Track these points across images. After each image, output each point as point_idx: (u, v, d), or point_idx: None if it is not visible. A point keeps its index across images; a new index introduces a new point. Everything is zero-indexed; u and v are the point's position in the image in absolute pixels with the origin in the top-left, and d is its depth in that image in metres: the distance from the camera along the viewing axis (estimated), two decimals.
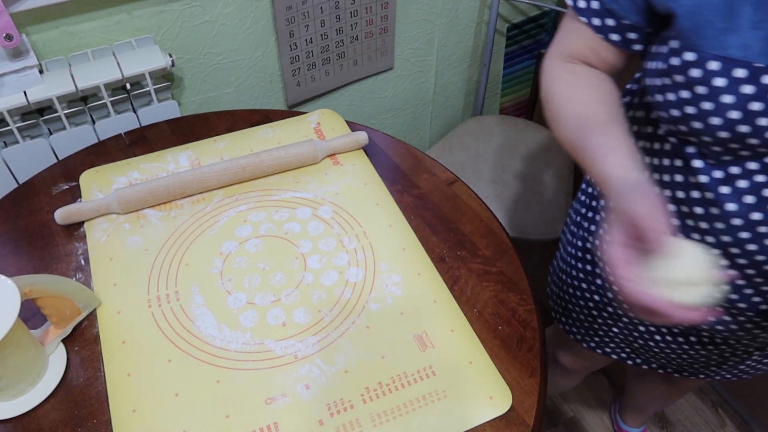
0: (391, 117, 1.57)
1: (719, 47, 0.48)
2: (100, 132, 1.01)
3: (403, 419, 0.62)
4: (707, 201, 0.57)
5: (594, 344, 0.89)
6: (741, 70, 0.48)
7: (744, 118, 0.49)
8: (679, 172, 0.59)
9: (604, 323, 0.84)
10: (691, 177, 0.57)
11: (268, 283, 0.74)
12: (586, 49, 0.63)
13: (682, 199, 0.59)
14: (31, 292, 0.64)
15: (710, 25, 0.48)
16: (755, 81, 0.48)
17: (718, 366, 0.81)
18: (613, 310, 0.81)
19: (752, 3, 0.47)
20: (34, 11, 0.92)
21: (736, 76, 0.48)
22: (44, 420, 0.62)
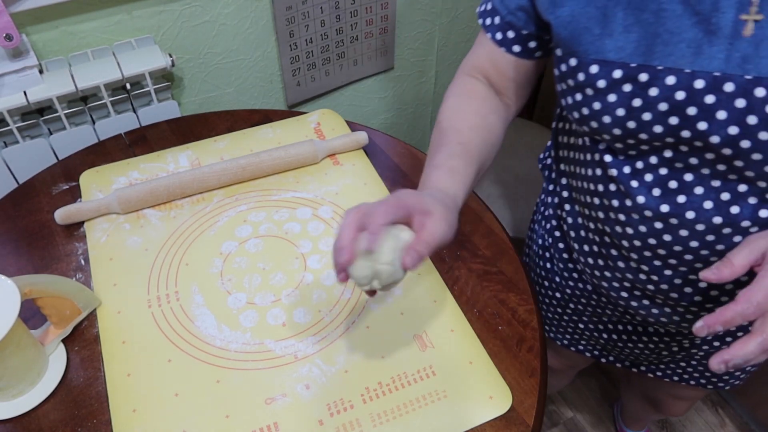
0: (391, 117, 1.57)
1: (597, 51, 0.52)
2: (100, 132, 1.01)
3: (403, 419, 0.62)
4: (622, 193, 0.60)
5: (567, 342, 0.90)
6: (618, 71, 0.51)
7: (628, 114, 0.53)
8: (597, 167, 0.62)
9: (570, 320, 0.85)
10: (606, 171, 0.60)
11: (268, 283, 0.74)
12: (487, 61, 0.67)
13: (602, 192, 0.62)
14: (31, 292, 0.64)
15: (588, 32, 0.52)
16: (632, 80, 0.51)
17: (688, 364, 0.83)
18: (574, 306, 0.82)
19: (623, 8, 0.51)
20: (34, 11, 0.92)
21: (615, 77, 0.52)
22: (44, 420, 0.62)
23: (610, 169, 0.59)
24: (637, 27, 0.50)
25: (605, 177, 0.61)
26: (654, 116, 0.52)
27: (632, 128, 0.53)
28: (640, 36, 0.50)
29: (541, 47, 0.64)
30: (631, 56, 0.51)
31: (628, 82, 0.51)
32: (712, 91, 0.49)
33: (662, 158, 0.56)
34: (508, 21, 0.62)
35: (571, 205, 0.72)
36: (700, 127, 0.50)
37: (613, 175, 0.59)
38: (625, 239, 0.62)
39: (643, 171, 0.57)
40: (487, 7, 0.65)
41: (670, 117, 0.51)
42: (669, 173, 0.56)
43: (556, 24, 0.55)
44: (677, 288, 0.63)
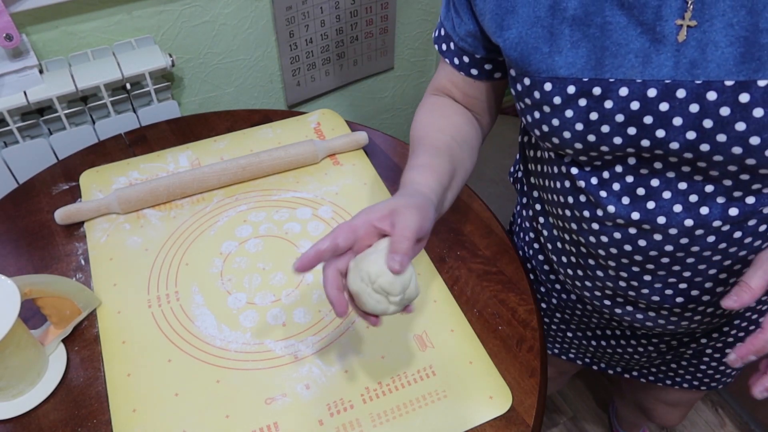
0: (391, 117, 1.57)
1: (548, 69, 0.53)
2: (100, 132, 1.01)
3: (403, 419, 0.62)
4: (592, 204, 0.60)
5: (557, 350, 0.90)
6: (572, 87, 0.52)
7: (587, 128, 0.53)
8: (565, 179, 0.62)
9: (558, 329, 0.85)
10: (574, 182, 0.60)
11: (268, 283, 0.74)
12: (449, 83, 0.69)
13: (572, 203, 0.62)
14: (31, 292, 0.64)
15: (537, 51, 0.53)
16: (586, 94, 0.51)
17: (678, 365, 0.83)
18: (561, 316, 0.81)
19: (569, 25, 0.51)
20: (34, 11, 0.92)
21: (569, 92, 0.52)
22: (44, 420, 0.62)
23: (577, 180, 0.59)
24: (584, 42, 0.51)
25: (574, 189, 0.61)
26: (612, 128, 0.52)
27: (592, 141, 0.54)
28: (589, 50, 0.51)
29: (499, 68, 0.64)
30: (582, 71, 0.51)
31: (583, 96, 0.52)
32: (665, 99, 0.49)
33: (627, 166, 0.56)
34: (461, 47, 0.63)
35: (544, 217, 0.72)
36: (659, 135, 0.51)
37: (582, 187, 0.59)
38: (601, 248, 0.62)
39: (610, 180, 0.57)
40: (440, 32, 0.66)
41: (628, 127, 0.51)
42: (635, 180, 0.56)
43: (506, 46, 0.55)
44: (658, 291, 0.63)
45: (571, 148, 0.56)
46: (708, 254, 0.58)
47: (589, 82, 0.51)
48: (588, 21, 0.50)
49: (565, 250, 0.70)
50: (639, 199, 0.57)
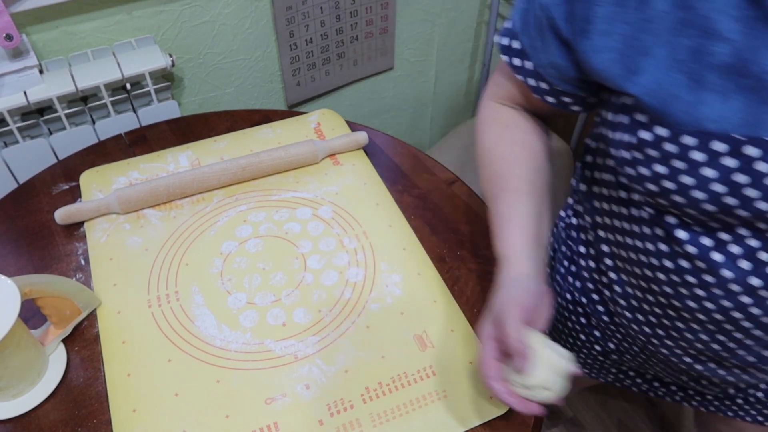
0: (391, 117, 1.57)
1: (693, 121, 0.46)
2: (100, 132, 1.01)
3: (403, 419, 0.62)
4: (699, 269, 0.53)
5: (611, 379, 0.84)
6: (720, 144, 0.45)
7: (730, 191, 0.47)
8: (662, 242, 0.55)
9: (612, 365, 0.80)
10: (677, 247, 0.54)
11: (268, 283, 0.74)
12: (522, 98, 0.63)
13: (671, 268, 0.56)
14: (31, 292, 0.64)
15: (678, 100, 0.46)
16: (737, 153, 0.45)
17: (745, 401, 0.76)
18: (618, 358, 0.76)
19: (718, 72, 0.44)
20: (34, 11, 0.92)
21: (715, 149, 0.45)
22: (44, 420, 0.62)
23: (685, 244, 0.53)
24: (738, 93, 0.44)
25: (674, 253, 0.55)
26: (763, 192, 0.46)
27: (732, 204, 0.47)
28: (744, 104, 0.44)
29: (579, 103, 0.58)
30: (736, 127, 0.44)
31: (732, 155, 0.45)
32: None
33: (755, 229, 0.49)
34: (539, 72, 0.56)
35: (617, 273, 0.65)
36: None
37: (689, 251, 0.53)
38: (703, 314, 0.56)
39: (729, 243, 0.51)
40: (512, 44, 0.58)
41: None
42: (762, 244, 0.50)
43: (641, 93, 0.48)
44: (756, 354, 0.58)
45: (697, 209, 0.49)
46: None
47: (742, 140, 0.44)
48: (743, 70, 0.44)
49: (645, 310, 0.63)
50: (761, 263, 0.50)
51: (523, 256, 0.58)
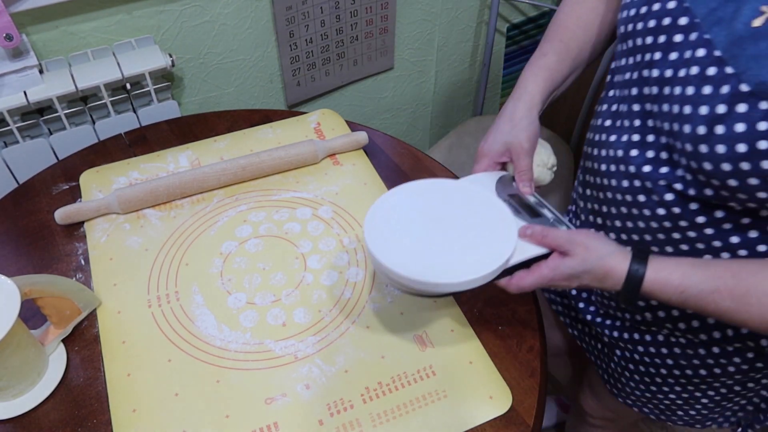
0: (391, 117, 1.57)
1: None
2: (100, 132, 1.01)
3: (403, 419, 0.62)
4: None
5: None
6: None
7: None
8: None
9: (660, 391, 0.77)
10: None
11: (268, 283, 0.74)
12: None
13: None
14: (31, 292, 0.64)
15: None
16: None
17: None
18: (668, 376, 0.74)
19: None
20: (34, 11, 0.92)
21: None
22: (44, 420, 0.62)
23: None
24: None
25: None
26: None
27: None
28: None
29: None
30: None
31: None
32: None
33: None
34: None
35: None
36: None
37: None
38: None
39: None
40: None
41: None
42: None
43: None
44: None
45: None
46: None
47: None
48: None
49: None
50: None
51: (541, 96, 0.68)
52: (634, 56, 0.59)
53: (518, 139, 0.66)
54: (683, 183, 0.55)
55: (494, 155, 0.67)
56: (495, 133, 0.68)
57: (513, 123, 0.67)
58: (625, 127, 0.61)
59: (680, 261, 0.54)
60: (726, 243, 0.56)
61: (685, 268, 0.53)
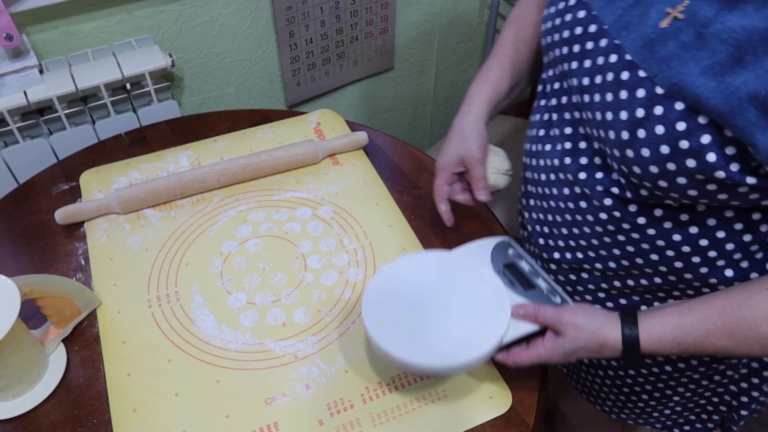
0: (391, 117, 1.57)
1: None
2: (100, 132, 1.01)
3: (403, 419, 0.62)
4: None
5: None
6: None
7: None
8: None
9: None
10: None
11: (268, 283, 0.74)
12: None
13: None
14: (31, 292, 0.64)
15: None
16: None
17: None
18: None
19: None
20: (34, 11, 0.92)
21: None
22: (44, 420, 0.62)
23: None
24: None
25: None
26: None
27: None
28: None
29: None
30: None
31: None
32: None
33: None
34: None
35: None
36: None
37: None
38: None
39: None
40: None
41: None
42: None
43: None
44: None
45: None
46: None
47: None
48: None
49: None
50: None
51: (486, 107, 0.71)
52: (555, 67, 0.61)
53: (469, 151, 0.69)
54: (619, 187, 0.56)
55: (450, 168, 0.71)
56: (448, 148, 0.71)
57: (462, 136, 0.70)
58: (557, 135, 0.62)
59: (667, 312, 0.54)
60: (669, 241, 0.57)
61: (674, 320, 0.53)
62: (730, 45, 0.44)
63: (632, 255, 0.60)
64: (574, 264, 0.65)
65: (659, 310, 0.55)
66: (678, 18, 0.48)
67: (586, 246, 0.63)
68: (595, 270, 0.64)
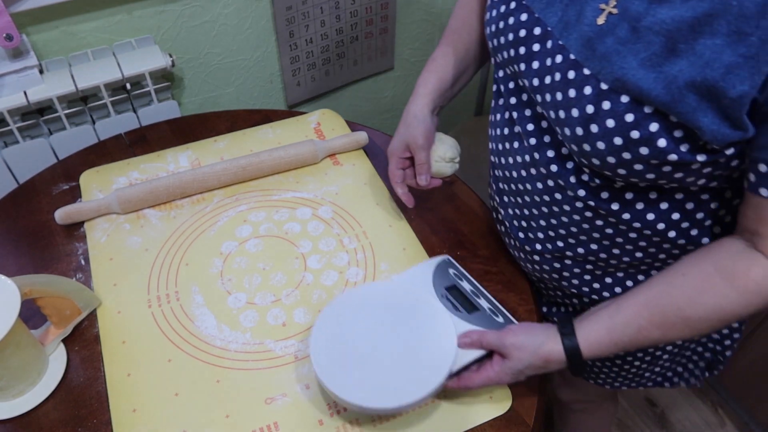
0: (391, 117, 1.57)
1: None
2: (100, 132, 1.01)
3: (403, 419, 0.62)
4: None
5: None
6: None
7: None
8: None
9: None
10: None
11: (268, 283, 0.74)
12: None
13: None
14: (31, 292, 0.64)
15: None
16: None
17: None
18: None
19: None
20: (34, 11, 0.92)
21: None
22: (44, 420, 0.62)
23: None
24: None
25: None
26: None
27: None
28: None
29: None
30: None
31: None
32: None
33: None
34: None
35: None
36: None
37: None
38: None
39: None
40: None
41: None
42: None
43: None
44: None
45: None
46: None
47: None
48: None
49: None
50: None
51: (432, 96, 0.75)
52: (506, 68, 0.63)
53: (413, 137, 0.73)
54: (588, 175, 0.57)
55: (398, 153, 0.76)
56: (396, 135, 0.76)
57: (407, 123, 0.75)
58: (522, 132, 0.63)
59: (599, 316, 0.57)
60: (644, 222, 0.58)
61: (607, 323, 0.56)
62: (662, 36, 0.46)
63: (612, 236, 0.61)
64: (557, 253, 0.67)
65: (592, 314, 0.58)
66: (612, 13, 0.50)
67: (566, 234, 0.64)
68: (578, 256, 0.65)
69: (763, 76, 0.43)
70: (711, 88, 0.45)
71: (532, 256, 0.70)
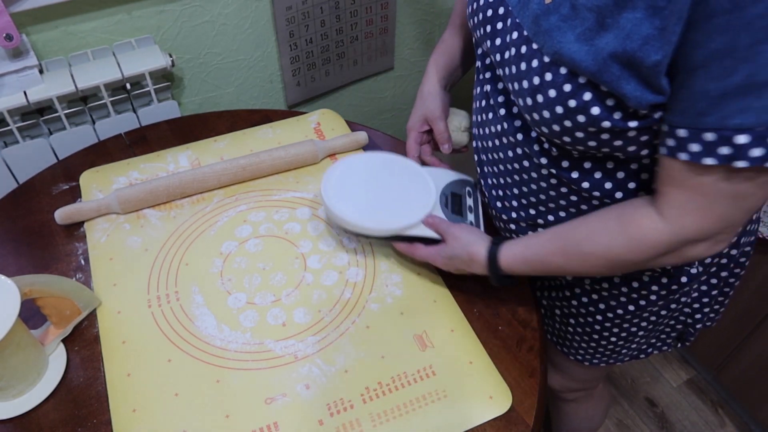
0: (391, 117, 1.57)
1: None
2: (100, 132, 1.01)
3: (403, 419, 0.62)
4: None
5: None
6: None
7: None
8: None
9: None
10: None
11: (268, 283, 0.74)
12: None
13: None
14: (31, 292, 0.64)
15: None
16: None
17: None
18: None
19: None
20: (34, 11, 0.92)
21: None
22: (44, 420, 0.62)
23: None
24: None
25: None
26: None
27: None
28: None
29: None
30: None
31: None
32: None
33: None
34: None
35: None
36: None
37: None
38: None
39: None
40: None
41: None
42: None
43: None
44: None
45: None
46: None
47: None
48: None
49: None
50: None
51: (443, 72, 0.83)
52: (481, 46, 0.68)
53: (429, 110, 0.81)
54: (548, 144, 0.61)
55: (417, 127, 0.83)
56: (414, 112, 0.83)
57: (423, 98, 0.82)
58: (494, 104, 0.68)
59: (522, 238, 0.66)
60: (603, 190, 0.61)
61: (525, 242, 0.65)
62: (594, 12, 0.50)
63: (576, 204, 0.65)
64: (530, 221, 0.70)
65: (521, 237, 0.67)
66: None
67: (537, 202, 0.68)
68: (548, 224, 0.69)
69: (671, 45, 0.47)
70: (630, 58, 0.48)
71: (509, 225, 0.74)
